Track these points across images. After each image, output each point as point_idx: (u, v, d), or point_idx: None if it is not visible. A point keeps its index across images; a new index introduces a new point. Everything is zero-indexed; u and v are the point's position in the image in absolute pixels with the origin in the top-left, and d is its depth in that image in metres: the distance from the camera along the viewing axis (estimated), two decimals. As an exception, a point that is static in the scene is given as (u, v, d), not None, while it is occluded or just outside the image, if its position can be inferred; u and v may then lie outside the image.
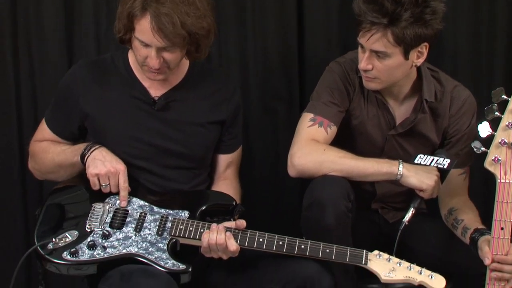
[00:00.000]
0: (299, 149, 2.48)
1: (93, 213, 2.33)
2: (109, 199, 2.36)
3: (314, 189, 2.43)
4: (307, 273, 2.31)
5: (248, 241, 2.28)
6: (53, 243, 2.26)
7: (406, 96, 2.62)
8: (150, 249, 2.28)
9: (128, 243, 2.28)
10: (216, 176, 2.59)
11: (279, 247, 2.27)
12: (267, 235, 2.28)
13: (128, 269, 2.25)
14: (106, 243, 2.28)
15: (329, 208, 2.36)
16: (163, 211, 2.35)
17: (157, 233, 2.31)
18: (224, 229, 2.28)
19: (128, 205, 2.34)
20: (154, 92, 2.45)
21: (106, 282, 2.26)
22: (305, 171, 2.47)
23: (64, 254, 2.25)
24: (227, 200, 2.42)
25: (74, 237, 2.28)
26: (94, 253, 2.26)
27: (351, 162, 2.47)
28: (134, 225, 2.31)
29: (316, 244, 2.28)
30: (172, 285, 2.20)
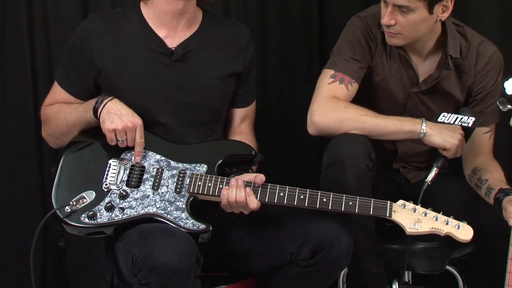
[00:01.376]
0: (319, 107, 2.47)
1: (110, 171, 2.31)
2: (124, 155, 2.33)
3: (334, 147, 2.41)
4: (325, 233, 2.28)
5: (268, 196, 2.25)
6: (70, 206, 2.24)
7: (430, 52, 2.59)
8: (168, 209, 2.26)
9: (146, 203, 2.26)
10: (231, 131, 2.57)
11: (300, 201, 2.24)
12: (288, 189, 2.25)
13: (147, 227, 2.23)
14: (124, 204, 2.26)
15: (350, 167, 2.35)
16: (181, 166, 2.32)
17: (175, 190, 2.28)
18: (243, 185, 2.25)
19: (145, 160, 2.31)
20: (170, 43, 2.41)
21: (124, 240, 2.24)
22: (325, 129, 2.45)
23: (82, 217, 2.24)
24: (246, 150, 2.38)
25: (92, 198, 2.26)
26: (112, 215, 2.24)
27: (372, 120, 2.44)
28: (151, 183, 2.29)
29: (338, 197, 2.24)
30: (191, 243, 2.18)
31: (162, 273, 2.09)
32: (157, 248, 2.11)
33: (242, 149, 2.39)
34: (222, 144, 2.43)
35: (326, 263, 2.28)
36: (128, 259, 2.19)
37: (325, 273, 2.32)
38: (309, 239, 2.29)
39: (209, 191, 2.28)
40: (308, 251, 2.29)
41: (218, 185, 2.28)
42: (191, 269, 2.14)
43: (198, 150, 2.37)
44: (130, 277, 2.22)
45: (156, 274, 2.09)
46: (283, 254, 2.33)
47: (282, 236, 2.34)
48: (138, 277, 2.14)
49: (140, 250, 2.14)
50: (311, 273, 2.31)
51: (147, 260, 2.11)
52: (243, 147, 2.40)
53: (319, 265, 2.29)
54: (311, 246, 2.28)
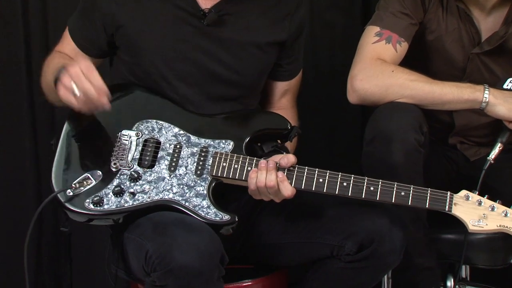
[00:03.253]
0: (362, 70, 2.41)
1: (119, 147, 2.22)
2: (137, 126, 2.23)
3: (378, 119, 2.35)
4: (375, 224, 2.21)
5: (305, 182, 2.15)
6: (73, 189, 2.17)
7: (495, 6, 2.53)
8: (187, 195, 2.17)
9: (161, 187, 2.18)
10: (269, 105, 2.50)
11: (342, 189, 2.15)
12: (328, 173, 2.16)
13: (163, 218, 2.16)
14: (136, 188, 2.18)
15: (397, 142, 2.30)
16: (202, 142, 2.23)
17: (196, 172, 2.20)
18: (275, 167, 2.14)
19: (160, 134, 2.22)
20: (203, 3, 2.33)
21: (135, 231, 2.16)
22: (368, 97, 2.38)
23: (86, 202, 2.17)
24: (279, 123, 2.29)
25: (98, 179, 2.18)
26: (121, 201, 2.17)
27: (424, 86, 2.37)
28: (167, 162, 2.20)
29: (388, 186, 2.15)
30: (214, 240, 2.10)
31: (180, 275, 2.03)
32: (175, 246, 2.04)
33: (275, 123, 2.30)
34: (251, 117, 2.34)
35: (375, 258, 2.23)
36: (140, 255, 2.11)
37: (372, 270, 2.26)
38: (355, 231, 2.23)
39: (235, 174, 2.18)
40: (353, 244, 2.23)
41: (246, 167, 2.18)
42: (214, 271, 2.08)
43: (223, 124, 2.30)
44: (140, 274, 2.16)
45: (174, 276, 2.03)
46: (322, 247, 2.28)
47: (322, 226, 2.28)
48: (152, 278, 2.07)
49: (156, 247, 2.07)
50: (357, 269, 2.26)
51: (163, 260, 2.04)
52: (276, 120, 2.31)
53: (366, 261, 2.23)
54: (357, 239, 2.23)
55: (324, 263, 2.29)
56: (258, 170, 2.15)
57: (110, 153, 2.22)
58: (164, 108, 2.28)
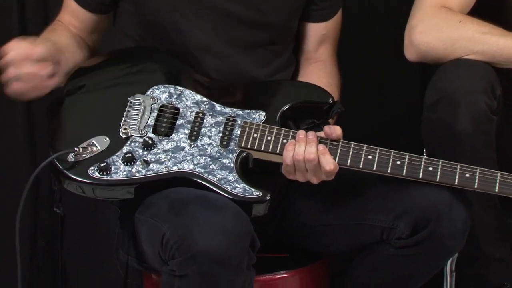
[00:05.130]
0: (422, 20, 2.28)
1: (130, 111, 2.14)
2: (152, 91, 2.15)
3: (442, 79, 2.22)
4: (431, 202, 2.11)
5: (351, 158, 2.07)
6: (74, 154, 2.06)
7: None
8: (211, 167, 2.08)
9: (180, 157, 2.09)
10: (304, 56, 2.37)
11: (396, 168, 2.06)
12: (379, 150, 2.06)
13: (181, 196, 2.07)
14: (149, 156, 2.08)
15: (464, 107, 2.17)
16: (229, 111, 2.17)
17: (221, 143, 2.11)
18: (316, 139, 2.05)
19: (179, 101, 2.14)
20: None
21: (148, 211, 2.09)
22: (430, 53, 2.25)
23: (90, 170, 2.07)
24: (321, 96, 2.21)
25: (104, 146, 2.09)
26: (132, 170, 2.07)
27: (499, 40, 2.24)
28: (187, 131, 2.13)
29: (450, 166, 2.04)
30: (244, 220, 2.02)
31: (203, 262, 1.94)
32: (197, 228, 1.96)
33: (315, 95, 2.22)
34: (286, 87, 2.27)
35: (432, 243, 2.12)
36: (155, 239, 2.02)
37: (429, 256, 2.15)
38: (408, 210, 2.13)
39: (268, 146, 2.10)
40: (406, 226, 2.13)
41: (280, 140, 2.09)
42: (243, 257, 1.98)
43: (254, 93, 2.22)
44: (156, 262, 2.07)
45: (196, 263, 1.94)
46: (370, 230, 2.18)
47: (369, 205, 2.19)
48: (170, 266, 1.97)
49: (174, 230, 1.98)
50: (410, 257, 2.16)
51: (183, 244, 1.95)
52: (317, 92, 2.22)
53: (421, 246, 2.13)
54: (410, 219, 2.12)
55: (373, 249, 2.20)
56: (296, 142, 2.05)
57: (119, 118, 2.13)
58: (184, 73, 2.23)
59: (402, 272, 2.19)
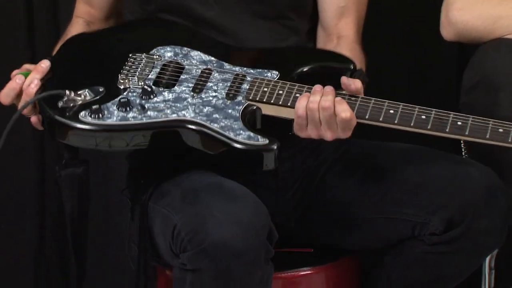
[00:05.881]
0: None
1: (131, 66, 2.08)
2: (156, 50, 2.09)
3: (482, 60, 2.16)
4: (469, 197, 2.04)
5: (370, 111, 1.98)
6: (65, 99, 1.99)
7: None
8: (214, 115, 2.00)
9: (180, 106, 2.02)
10: (325, 33, 2.27)
11: (421, 122, 1.96)
12: (402, 106, 1.98)
13: (194, 184, 2.02)
14: (147, 104, 2.02)
15: (506, 91, 2.11)
16: (238, 69, 2.09)
17: (227, 95, 2.04)
18: (333, 91, 1.97)
19: (185, 59, 2.08)
20: None
21: (162, 200, 2.04)
22: (469, 32, 2.19)
23: (82, 113, 1.99)
24: (341, 61, 2.12)
25: (99, 95, 2.02)
26: (126, 116, 1.99)
27: None
28: (191, 85, 2.06)
29: (482, 122, 1.95)
30: (261, 210, 1.96)
31: (217, 256, 1.89)
32: (210, 218, 1.91)
33: (334, 59, 2.13)
34: (303, 51, 2.19)
35: (469, 239, 2.07)
36: (167, 231, 1.98)
37: (466, 254, 2.10)
38: (442, 204, 2.07)
39: (278, 99, 2.00)
40: (440, 221, 2.07)
41: (293, 93, 2.00)
42: (260, 250, 1.93)
43: (267, 54, 2.14)
44: (168, 256, 2.02)
45: (209, 257, 1.89)
46: (402, 225, 2.13)
47: (401, 197, 2.13)
48: (182, 260, 1.93)
49: (185, 220, 1.94)
50: (445, 254, 2.10)
51: (195, 236, 1.90)
52: (336, 56, 2.14)
53: (456, 243, 2.07)
54: (445, 214, 2.06)
55: (403, 246, 2.15)
56: (311, 94, 1.99)
57: (117, 71, 2.08)
58: (192, 35, 2.15)
59: (436, 271, 2.14)
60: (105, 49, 2.16)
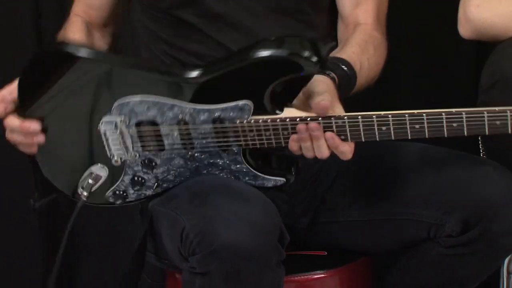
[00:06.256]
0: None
1: (109, 138, 2.02)
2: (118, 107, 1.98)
3: (500, 59, 2.14)
4: (485, 197, 2.01)
5: (364, 135, 1.92)
6: (84, 188, 2.02)
7: None
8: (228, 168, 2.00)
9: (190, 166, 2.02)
10: (343, 24, 2.21)
11: (417, 132, 1.92)
12: (392, 119, 1.90)
13: (203, 186, 2.01)
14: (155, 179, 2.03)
15: None
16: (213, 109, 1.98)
17: (223, 151, 2.02)
18: (320, 130, 1.90)
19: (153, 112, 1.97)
20: None
21: (171, 203, 2.02)
22: (487, 29, 2.17)
23: (108, 194, 2.05)
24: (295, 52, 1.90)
25: (106, 174, 2.03)
26: (147, 192, 2.05)
27: None
28: (179, 145, 2.01)
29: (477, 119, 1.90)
30: (271, 211, 1.95)
31: (226, 258, 1.86)
32: (219, 220, 1.88)
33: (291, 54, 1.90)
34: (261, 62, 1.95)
35: (486, 241, 2.04)
36: (175, 233, 1.95)
37: (483, 256, 2.07)
38: (458, 204, 2.04)
39: (270, 143, 1.97)
40: (456, 222, 2.03)
41: (280, 133, 1.95)
42: (270, 252, 1.90)
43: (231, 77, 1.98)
44: (177, 259, 2.00)
45: (218, 260, 1.87)
46: (416, 226, 2.10)
47: (415, 198, 2.09)
48: (191, 263, 1.90)
49: (194, 222, 1.91)
50: (462, 256, 2.07)
51: (204, 239, 1.88)
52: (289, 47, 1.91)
53: (473, 245, 2.04)
54: (461, 214, 2.03)
55: (418, 248, 2.12)
56: (297, 137, 1.93)
57: (102, 146, 2.04)
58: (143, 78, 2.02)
59: (452, 274, 2.10)
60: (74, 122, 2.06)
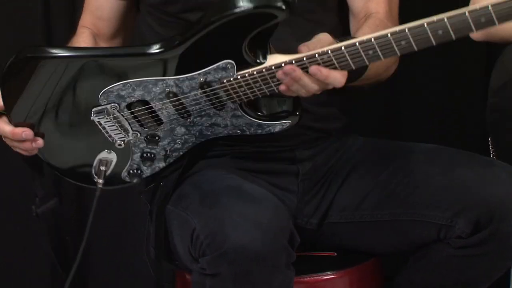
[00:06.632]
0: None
1: (105, 127, 2.02)
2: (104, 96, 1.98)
3: (509, 60, 2.14)
4: (495, 197, 1.98)
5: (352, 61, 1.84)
6: (98, 174, 2.03)
7: None
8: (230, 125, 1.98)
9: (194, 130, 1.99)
10: (355, 19, 2.17)
11: (405, 48, 1.82)
12: (374, 40, 1.82)
13: (214, 187, 2.01)
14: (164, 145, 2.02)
15: None
16: (196, 75, 1.95)
17: (217, 109, 1.99)
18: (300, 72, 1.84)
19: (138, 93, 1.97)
20: None
21: (181, 203, 2.02)
22: (497, 31, 2.11)
23: (123, 175, 2.05)
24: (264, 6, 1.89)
25: (115, 157, 2.04)
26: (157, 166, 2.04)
27: None
28: (175, 115, 1.99)
29: (459, 16, 1.81)
30: (281, 213, 1.94)
31: (236, 260, 1.86)
32: (229, 222, 1.88)
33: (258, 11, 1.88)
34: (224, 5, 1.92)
35: (496, 242, 2.02)
36: (185, 234, 1.95)
37: (493, 257, 2.06)
38: (468, 205, 2.02)
39: (263, 93, 1.93)
40: (466, 223, 2.02)
41: (268, 80, 1.90)
42: (280, 254, 1.90)
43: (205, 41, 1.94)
44: (187, 260, 2.00)
45: (228, 261, 1.86)
46: (426, 227, 2.08)
47: (425, 199, 2.08)
48: (201, 264, 1.90)
49: (204, 224, 1.91)
50: (472, 257, 2.06)
51: (214, 240, 1.88)
52: None
53: (483, 246, 2.03)
54: (471, 215, 2.01)
55: (428, 249, 2.10)
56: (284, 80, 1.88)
57: (101, 135, 2.04)
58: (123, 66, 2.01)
59: (462, 275, 2.09)
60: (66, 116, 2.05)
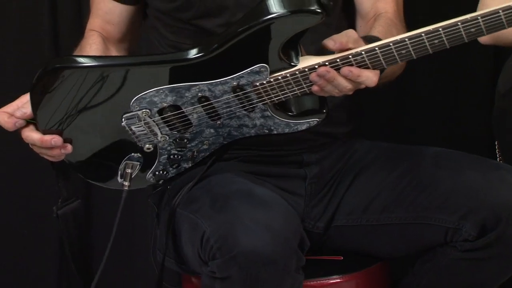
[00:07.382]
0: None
1: (136, 132, 2.02)
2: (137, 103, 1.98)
3: None
4: (502, 200, 1.99)
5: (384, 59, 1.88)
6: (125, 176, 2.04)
7: None
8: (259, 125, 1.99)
9: (222, 131, 2.00)
10: (363, 21, 2.17)
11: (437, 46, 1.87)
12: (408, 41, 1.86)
13: (225, 190, 2.01)
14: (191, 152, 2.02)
15: None
16: (229, 80, 1.96)
17: (248, 111, 2.00)
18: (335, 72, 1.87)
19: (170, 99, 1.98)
20: None
21: (191, 206, 2.01)
22: (504, 35, 2.08)
23: (148, 176, 2.06)
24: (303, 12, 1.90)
25: (141, 160, 2.04)
26: (183, 166, 2.05)
27: None
28: (206, 117, 2.00)
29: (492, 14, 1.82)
30: (292, 218, 1.94)
31: (247, 264, 1.87)
32: (240, 226, 1.89)
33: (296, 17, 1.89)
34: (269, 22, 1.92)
35: (503, 246, 2.02)
36: (195, 238, 1.95)
37: (500, 261, 2.06)
38: (474, 208, 2.02)
39: (295, 94, 1.96)
40: (472, 226, 2.02)
41: (301, 81, 1.92)
42: (291, 259, 1.91)
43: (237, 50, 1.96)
44: (196, 264, 2.00)
45: (238, 265, 1.87)
46: (433, 230, 2.08)
47: (432, 202, 2.08)
48: (210, 267, 1.91)
49: (214, 227, 1.91)
50: (478, 260, 2.06)
51: (224, 244, 1.88)
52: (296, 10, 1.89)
53: (490, 249, 2.03)
54: (477, 218, 2.01)
55: (435, 253, 2.10)
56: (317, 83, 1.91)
57: (131, 140, 2.04)
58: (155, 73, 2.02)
59: (469, 278, 2.09)
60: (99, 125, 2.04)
